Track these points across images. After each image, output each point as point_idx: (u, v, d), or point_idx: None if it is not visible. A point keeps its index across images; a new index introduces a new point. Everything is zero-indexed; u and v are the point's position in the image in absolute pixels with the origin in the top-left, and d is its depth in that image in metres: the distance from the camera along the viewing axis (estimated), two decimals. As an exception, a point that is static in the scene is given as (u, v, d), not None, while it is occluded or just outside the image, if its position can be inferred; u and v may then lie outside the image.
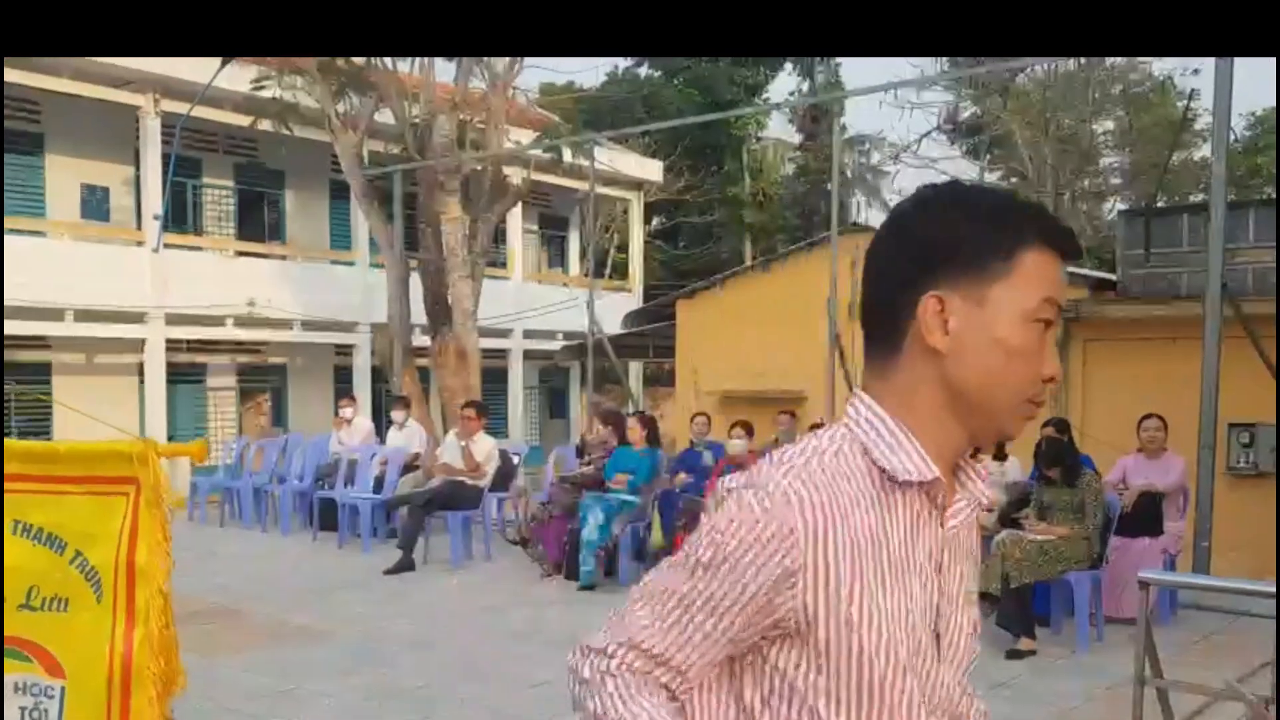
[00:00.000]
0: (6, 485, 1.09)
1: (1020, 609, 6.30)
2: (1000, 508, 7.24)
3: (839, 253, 10.58)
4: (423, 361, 14.83)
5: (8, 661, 1.07)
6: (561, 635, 6.66)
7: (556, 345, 19.07)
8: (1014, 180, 25.65)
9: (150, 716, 1.04)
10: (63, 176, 15.45)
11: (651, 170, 22.58)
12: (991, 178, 26.43)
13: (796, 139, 29.81)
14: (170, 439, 14.86)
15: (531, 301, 19.16)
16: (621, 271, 23.77)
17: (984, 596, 5.90)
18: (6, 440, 1.13)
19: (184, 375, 16.40)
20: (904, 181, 26.63)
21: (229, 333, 15.90)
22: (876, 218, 28.62)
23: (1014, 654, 6.15)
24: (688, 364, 13.63)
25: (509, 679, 5.73)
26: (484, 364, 15.06)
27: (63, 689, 1.06)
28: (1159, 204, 14.98)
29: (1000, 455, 7.76)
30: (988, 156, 28.06)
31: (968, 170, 24.51)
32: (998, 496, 7.20)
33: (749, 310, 12.67)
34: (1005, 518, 7.17)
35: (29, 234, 14.57)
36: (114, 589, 1.05)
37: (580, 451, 10.47)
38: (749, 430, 9.13)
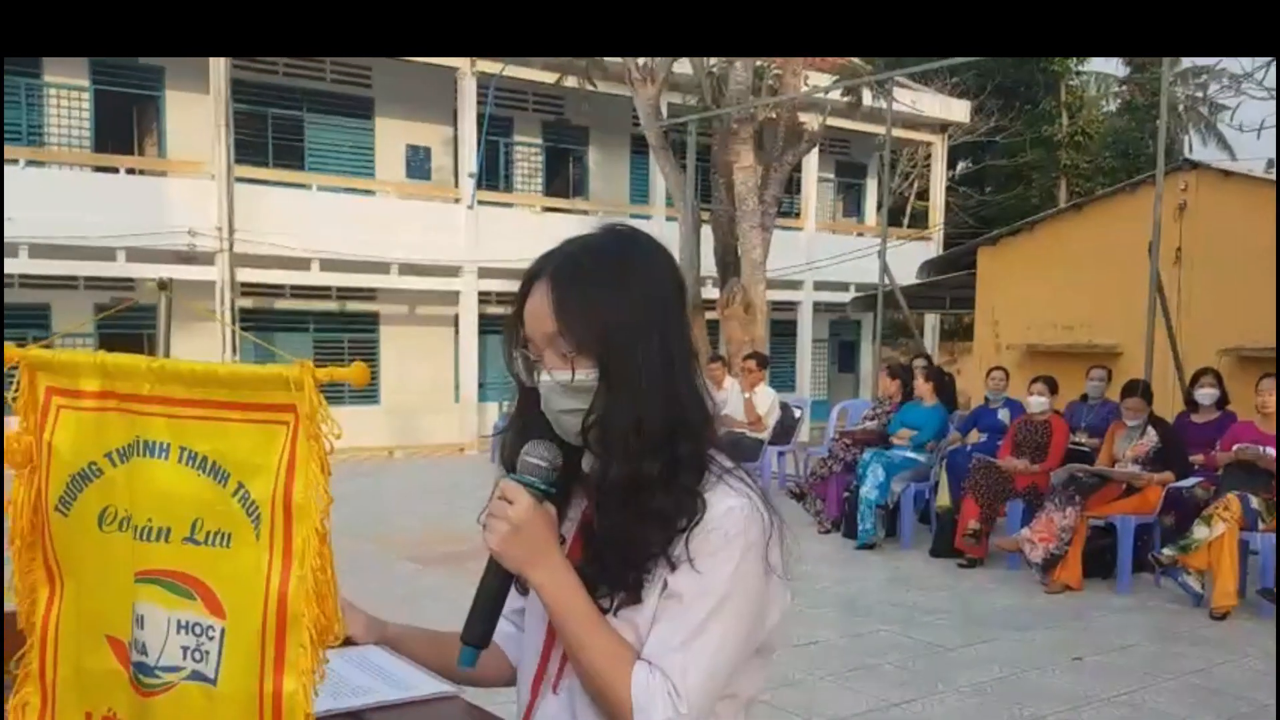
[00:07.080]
0: (172, 409, 1.06)
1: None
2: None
3: (1165, 193, 9.51)
4: (711, 315, 14.90)
5: (171, 597, 1.05)
6: (834, 594, 6.46)
7: (849, 297, 18.57)
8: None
9: (304, 663, 0.99)
10: (390, 138, 16.68)
11: (958, 111, 21.32)
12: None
13: (1122, 72, 27.21)
14: (480, 386, 15.88)
15: (824, 252, 18.72)
16: (922, 220, 22.77)
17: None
18: (170, 359, 1.11)
19: (493, 326, 17.43)
20: (1246, 115, 23.67)
21: (534, 285, 16.64)
22: (1213, 156, 25.65)
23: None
24: (988, 316, 12.83)
25: (778, 636, 5.60)
26: (774, 316, 14.91)
27: (223, 630, 1.02)
28: None
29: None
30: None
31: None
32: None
33: (1059, 258, 11.71)
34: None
35: (361, 193, 15.90)
36: (270, 526, 0.99)
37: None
38: (1052, 387, 8.33)
